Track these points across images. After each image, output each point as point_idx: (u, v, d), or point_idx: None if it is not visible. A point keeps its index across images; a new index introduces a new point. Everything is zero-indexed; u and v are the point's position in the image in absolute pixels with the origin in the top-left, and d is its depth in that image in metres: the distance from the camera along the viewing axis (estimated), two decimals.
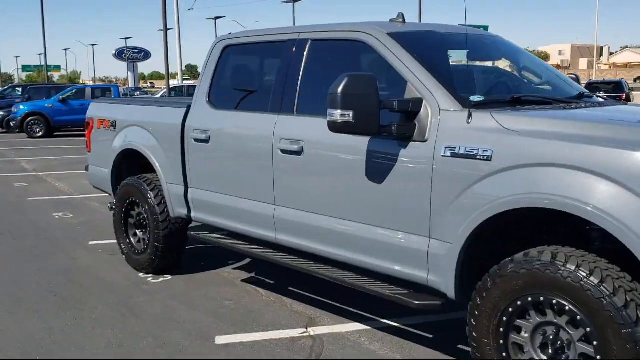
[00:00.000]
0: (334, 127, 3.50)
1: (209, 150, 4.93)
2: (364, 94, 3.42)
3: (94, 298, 5.14)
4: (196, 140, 5.00)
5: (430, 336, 4.39)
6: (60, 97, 22.50)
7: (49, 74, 53.16)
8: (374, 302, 4.47)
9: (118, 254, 6.19)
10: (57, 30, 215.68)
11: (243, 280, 5.63)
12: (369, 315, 4.71)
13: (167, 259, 5.67)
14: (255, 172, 4.56)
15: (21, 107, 22.51)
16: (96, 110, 6.39)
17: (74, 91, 23.50)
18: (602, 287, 2.78)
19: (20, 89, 31.18)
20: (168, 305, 4.97)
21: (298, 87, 4.32)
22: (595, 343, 2.83)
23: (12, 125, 22.59)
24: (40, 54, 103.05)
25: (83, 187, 10.64)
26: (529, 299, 3.05)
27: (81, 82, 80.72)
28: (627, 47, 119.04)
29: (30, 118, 21.97)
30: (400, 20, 4.24)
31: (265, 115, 4.49)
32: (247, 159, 4.65)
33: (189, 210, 5.25)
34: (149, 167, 5.71)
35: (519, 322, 3.17)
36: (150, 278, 5.66)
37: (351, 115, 3.42)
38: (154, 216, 5.51)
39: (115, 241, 6.25)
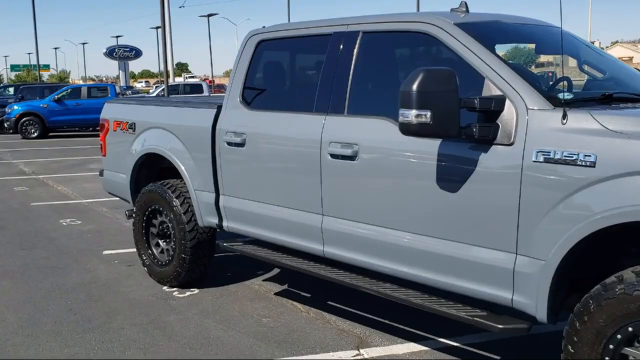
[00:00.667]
0: (408, 129, 3.09)
1: (245, 155, 4.51)
2: (443, 91, 3.01)
3: (120, 317, 4.71)
4: (229, 143, 4.58)
5: (498, 357, 4.00)
6: (56, 96, 21.94)
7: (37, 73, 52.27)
8: (424, 317, 4.08)
9: (137, 264, 5.77)
10: (45, 28, 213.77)
11: (277, 294, 5.21)
12: (422, 334, 4.31)
13: (194, 272, 5.25)
14: (299, 179, 4.15)
15: (15, 107, 21.92)
16: (112, 111, 5.95)
17: (68, 90, 22.94)
18: None
19: (12, 89, 30.55)
20: (202, 325, 4.55)
21: (349, 85, 3.91)
22: None
23: (6, 126, 22.03)
24: (29, 53, 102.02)
25: (87, 191, 10.19)
26: None
27: (71, 82, 79.78)
28: (617, 42, 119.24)
29: (24, 118, 21.38)
30: (464, 9, 3.83)
31: (311, 115, 4.08)
32: (289, 164, 4.23)
33: (220, 220, 4.83)
34: (171, 173, 5.29)
35: (627, 350, 2.78)
36: (177, 292, 5.24)
37: (428, 116, 3.00)
38: (180, 225, 5.08)
39: (131, 250, 5.82)
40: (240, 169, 4.59)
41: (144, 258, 5.56)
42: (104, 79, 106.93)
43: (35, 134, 21.37)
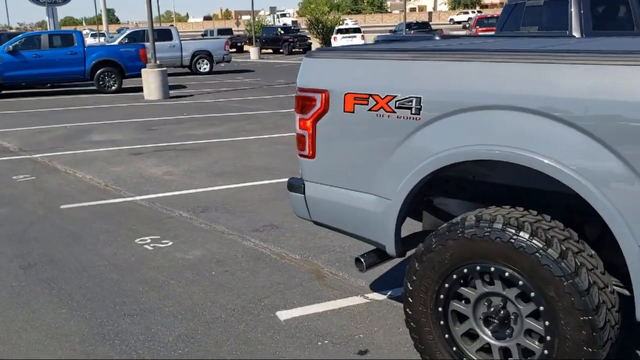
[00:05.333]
0: None
1: None
2: None
3: None
4: None
5: None
6: (10, 46, 18.05)
7: None
8: None
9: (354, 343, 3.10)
10: None
11: None
12: None
13: None
14: None
15: None
16: (337, 74, 3.08)
17: (22, 40, 19.00)
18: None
19: None
20: None
21: None
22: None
23: None
24: None
25: (124, 179, 7.29)
26: None
27: None
28: None
29: None
30: None
31: None
32: None
33: None
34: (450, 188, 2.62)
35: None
36: None
37: None
38: (585, 316, 2.40)
39: (308, 311, 3.14)
40: None
41: (438, 356, 2.87)
42: (29, 27, 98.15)
43: None
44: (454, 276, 2.71)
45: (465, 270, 2.67)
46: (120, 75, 18.43)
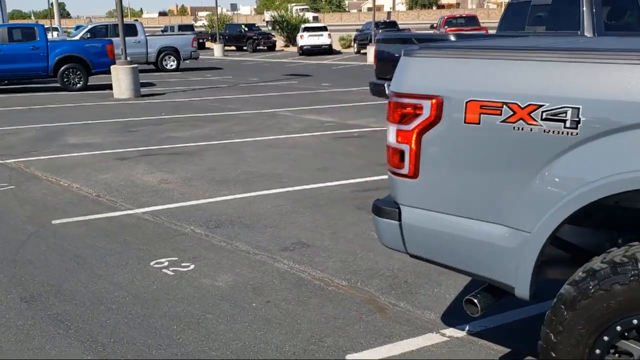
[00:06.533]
0: None
1: None
2: None
3: None
4: None
5: None
6: None
7: None
8: None
9: None
10: None
11: None
12: None
13: None
14: None
15: None
16: (465, 75, 2.51)
17: None
18: None
19: None
20: None
21: None
22: None
23: None
24: None
25: (117, 188, 6.52)
26: None
27: None
28: None
29: None
30: None
31: None
32: None
33: None
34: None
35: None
36: None
37: None
38: None
39: (383, 354, 2.61)
40: None
41: None
42: None
43: None
44: (618, 328, 2.20)
45: (635, 322, 2.15)
46: (86, 72, 17.44)
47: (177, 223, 5.50)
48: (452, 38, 7.65)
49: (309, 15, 50.32)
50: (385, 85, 8.74)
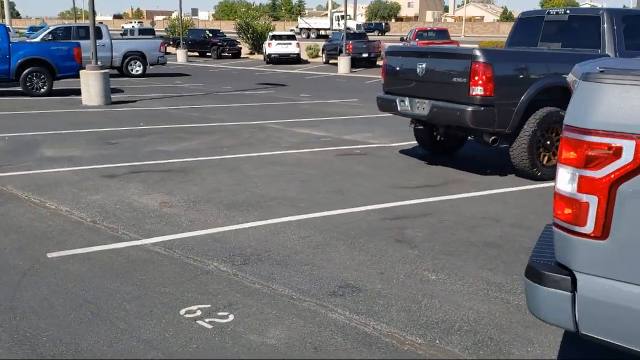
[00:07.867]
0: None
1: None
2: None
3: None
4: None
5: None
6: None
7: None
8: None
9: None
10: None
11: None
12: None
13: None
14: None
15: None
16: None
17: None
18: None
19: None
20: None
21: None
22: None
23: None
24: None
25: (112, 212, 5.76)
26: None
27: None
28: (469, 1, 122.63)
29: None
30: None
31: None
32: None
33: None
34: None
35: None
36: None
37: None
38: None
39: None
40: None
41: None
42: None
43: None
44: None
45: None
46: (51, 76, 16.36)
47: (196, 258, 4.77)
48: (478, 53, 7.15)
49: (352, 24, 47.55)
50: (397, 101, 8.18)
